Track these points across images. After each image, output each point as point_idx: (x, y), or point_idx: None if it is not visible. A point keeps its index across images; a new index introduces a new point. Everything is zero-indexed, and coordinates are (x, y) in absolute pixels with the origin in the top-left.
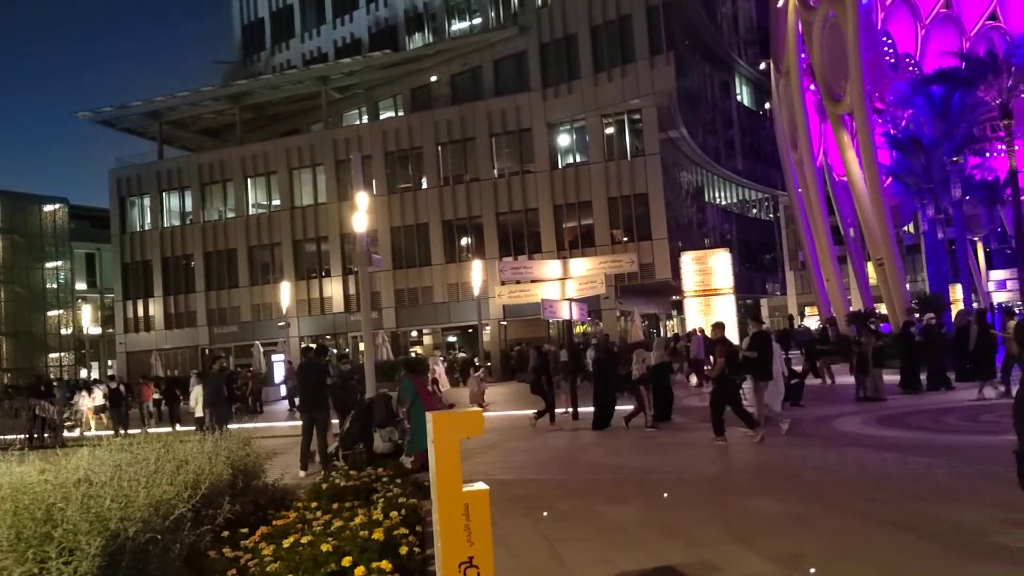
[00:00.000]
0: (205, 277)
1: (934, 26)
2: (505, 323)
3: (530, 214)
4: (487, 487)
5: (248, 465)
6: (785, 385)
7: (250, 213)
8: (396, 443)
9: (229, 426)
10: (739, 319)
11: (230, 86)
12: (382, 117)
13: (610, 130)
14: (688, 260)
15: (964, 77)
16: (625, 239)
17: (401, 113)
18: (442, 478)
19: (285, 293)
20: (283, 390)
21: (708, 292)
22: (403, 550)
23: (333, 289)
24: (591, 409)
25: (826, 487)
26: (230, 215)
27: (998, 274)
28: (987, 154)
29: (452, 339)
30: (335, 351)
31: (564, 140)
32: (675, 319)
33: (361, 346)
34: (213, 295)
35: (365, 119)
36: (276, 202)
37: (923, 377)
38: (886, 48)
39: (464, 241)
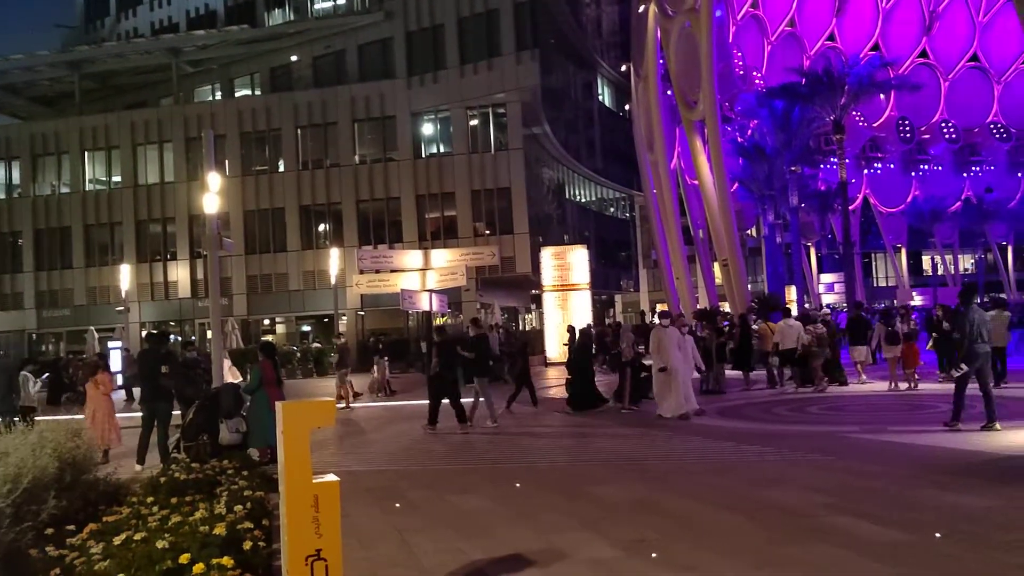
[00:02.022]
0: (35, 256)
1: (780, 43)
2: (363, 313)
3: (392, 203)
4: (338, 479)
5: (78, 458)
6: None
7: (87, 189)
8: (244, 434)
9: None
10: (594, 315)
11: (70, 52)
12: (237, 95)
13: (475, 122)
14: (547, 255)
15: (803, 93)
16: (487, 232)
17: (259, 92)
18: (291, 470)
19: (125, 276)
20: (120, 379)
21: (566, 287)
22: (247, 545)
23: (179, 273)
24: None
25: (669, 474)
26: (64, 190)
27: (827, 277)
28: (821, 166)
29: (307, 328)
30: (179, 338)
31: (428, 130)
32: (533, 313)
33: (209, 334)
34: (44, 276)
35: (219, 96)
36: (117, 179)
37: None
38: (736, 61)
39: (322, 228)
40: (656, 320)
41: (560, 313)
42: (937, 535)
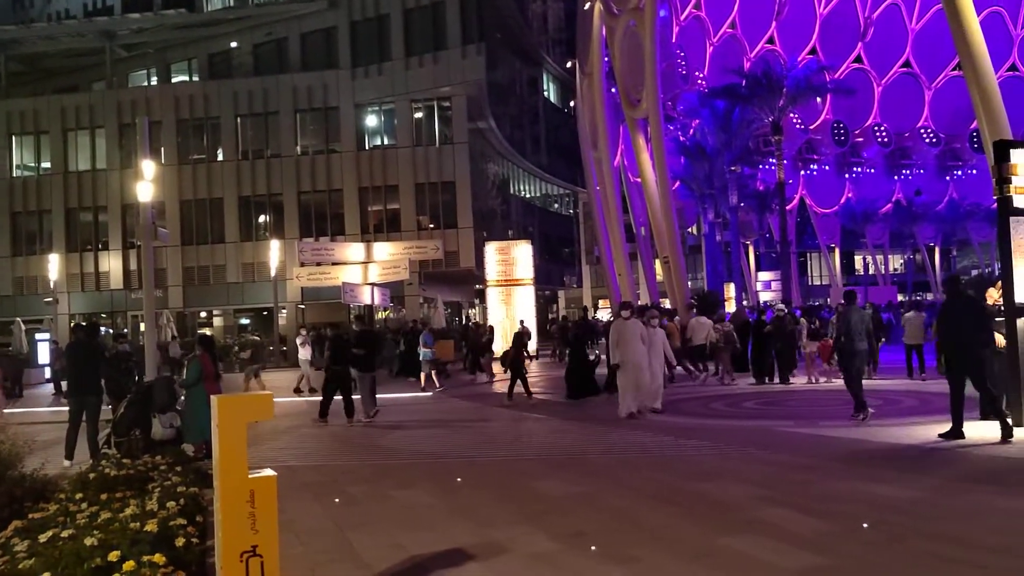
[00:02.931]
0: None
1: (721, 45)
2: (303, 306)
3: (334, 195)
4: (275, 473)
5: (2, 454)
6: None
7: (14, 175)
8: (178, 429)
9: None
10: (537, 310)
11: None
12: (174, 81)
13: (419, 115)
14: (492, 250)
15: (743, 94)
16: (431, 226)
17: (196, 79)
18: (226, 464)
19: (54, 266)
20: (48, 372)
21: (510, 282)
22: (180, 542)
23: (111, 264)
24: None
25: (609, 468)
26: None
27: (765, 275)
28: (760, 166)
29: (245, 321)
30: (111, 330)
31: (372, 122)
32: (477, 307)
33: (143, 326)
34: None
35: (155, 81)
36: (46, 165)
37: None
38: (679, 61)
39: (262, 219)
40: (596, 315)
41: (504, 308)
42: (864, 525)
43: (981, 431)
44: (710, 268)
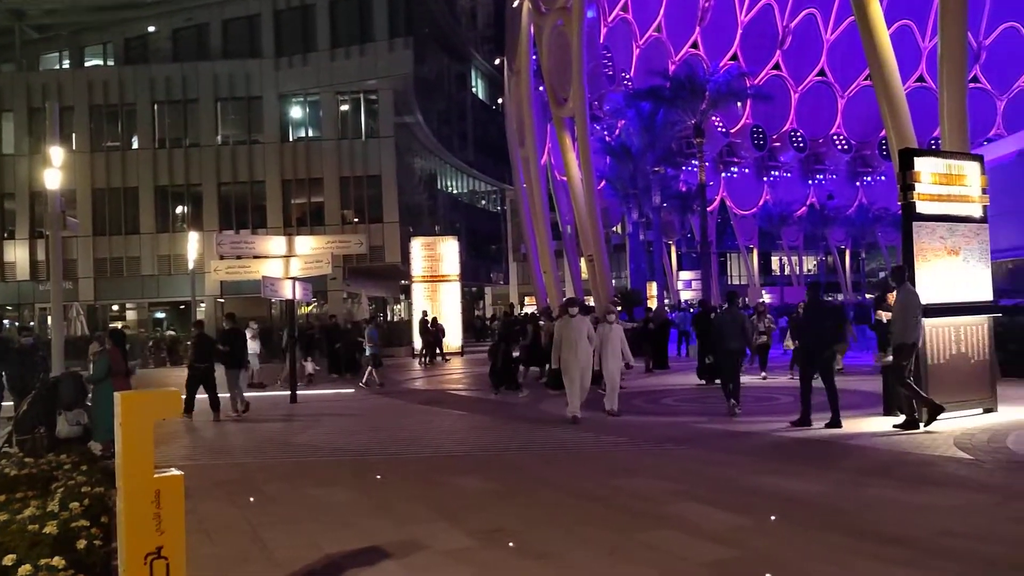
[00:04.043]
0: None
1: (647, 47)
2: (223, 300)
3: (256, 187)
4: (181, 473)
5: None
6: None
7: None
8: (85, 427)
9: None
10: (463, 306)
11: None
12: (88, 65)
13: (345, 107)
14: (417, 245)
15: (668, 96)
16: (356, 220)
17: (111, 63)
18: (129, 464)
19: None
20: None
21: (436, 278)
22: (81, 544)
23: (17, 254)
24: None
25: (529, 464)
26: None
27: (686, 275)
28: (683, 168)
29: (160, 315)
30: (16, 323)
31: (296, 113)
32: (403, 303)
33: (50, 319)
34: None
35: (67, 65)
36: None
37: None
38: (606, 61)
39: (180, 210)
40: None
41: (429, 304)
42: (772, 518)
43: (885, 427)
44: (633, 267)
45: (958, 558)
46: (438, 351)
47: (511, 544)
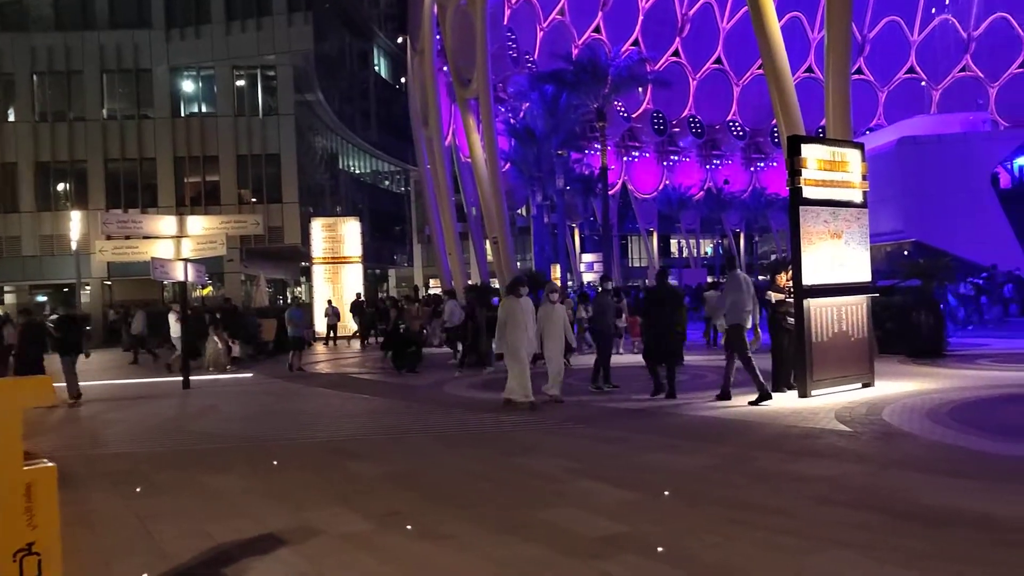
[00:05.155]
0: None
1: (551, 30)
2: (110, 283)
3: (146, 164)
4: (53, 464)
5: None
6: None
7: None
8: None
9: None
10: (367, 288)
11: None
12: None
13: (241, 83)
14: (318, 226)
15: (570, 80)
16: (253, 200)
17: None
18: None
19: None
20: None
21: (337, 260)
22: None
23: None
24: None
25: (428, 446)
26: None
27: (588, 257)
28: (586, 151)
29: (43, 298)
30: None
31: (189, 87)
32: (303, 285)
33: None
34: None
35: None
36: None
37: None
38: (510, 43)
39: (63, 187)
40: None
41: (330, 287)
42: (665, 493)
43: (773, 402)
44: (538, 249)
45: (836, 525)
46: (332, 335)
47: (408, 527)
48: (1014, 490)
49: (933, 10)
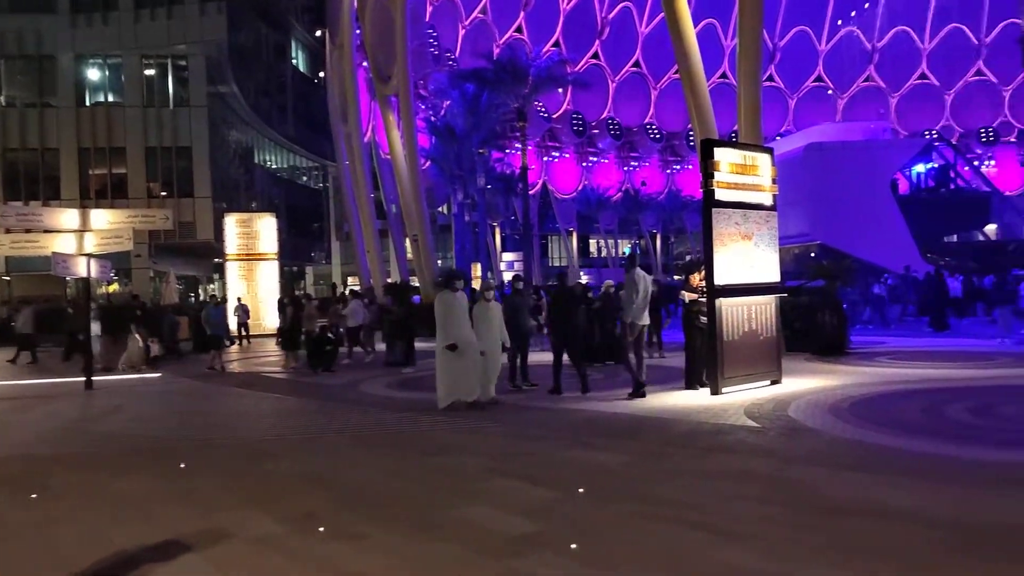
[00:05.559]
0: None
1: (473, 29)
2: (8, 278)
3: (48, 154)
4: None
5: None
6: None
7: None
8: None
9: None
10: (282, 285)
11: None
12: None
13: (151, 72)
14: (232, 222)
15: (491, 79)
16: (164, 194)
17: None
18: None
19: None
20: None
21: (252, 256)
22: None
23: None
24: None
25: (345, 446)
26: None
27: (509, 256)
28: (507, 150)
29: None
30: None
31: (95, 76)
32: (216, 283)
33: None
34: None
35: None
36: None
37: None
38: (431, 40)
39: None
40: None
41: (245, 284)
42: (580, 491)
43: (686, 399)
44: (459, 247)
45: (743, 518)
46: (244, 333)
47: (321, 529)
48: (907, 483)
49: (840, 22)
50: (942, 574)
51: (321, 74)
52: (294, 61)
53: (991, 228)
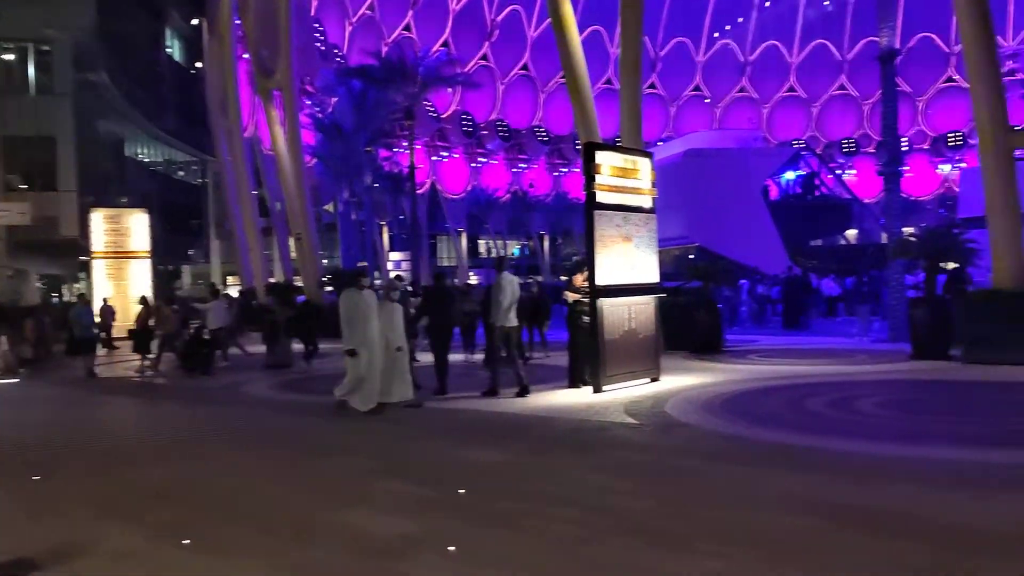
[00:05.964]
0: None
1: (360, 25)
2: None
3: None
4: None
5: None
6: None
7: None
8: None
9: None
10: (156, 286)
11: None
12: None
13: (10, 57)
14: (99, 218)
15: (379, 77)
16: (23, 187)
17: None
18: None
19: None
20: None
21: (122, 254)
22: None
23: None
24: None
25: (224, 450)
26: None
27: (397, 255)
28: (395, 149)
29: None
30: None
31: None
32: (82, 282)
33: None
34: None
35: None
36: None
37: None
38: (317, 35)
39: None
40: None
41: (113, 283)
42: (461, 491)
43: (570, 398)
44: (345, 247)
45: (615, 512)
46: (108, 335)
47: (186, 542)
48: (771, 472)
49: (716, 34)
50: (811, 555)
51: (199, 64)
52: (170, 51)
53: (852, 233)
